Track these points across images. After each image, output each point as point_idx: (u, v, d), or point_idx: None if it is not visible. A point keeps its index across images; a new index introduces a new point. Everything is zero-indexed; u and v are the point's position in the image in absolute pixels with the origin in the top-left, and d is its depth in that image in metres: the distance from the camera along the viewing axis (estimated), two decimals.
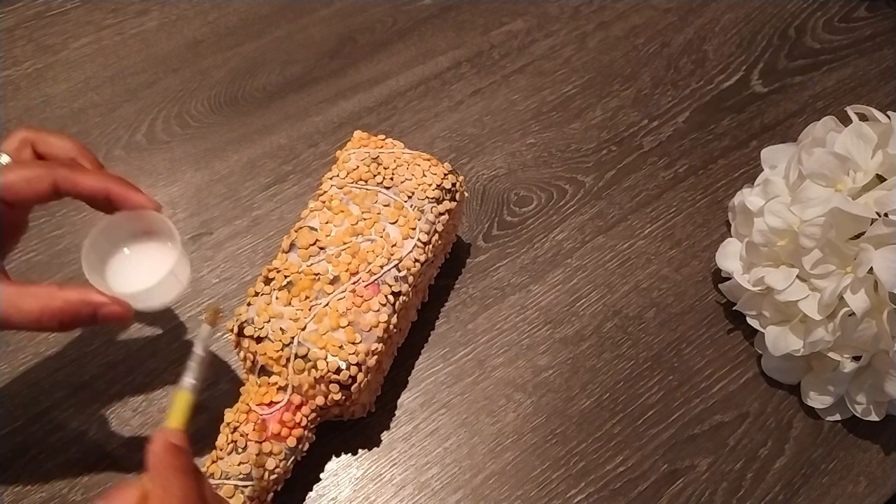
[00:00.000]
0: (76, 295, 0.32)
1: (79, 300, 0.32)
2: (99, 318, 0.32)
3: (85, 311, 0.32)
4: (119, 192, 0.34)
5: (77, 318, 0.32)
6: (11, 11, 0.63)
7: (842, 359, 0.42)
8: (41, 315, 0.31)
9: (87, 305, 0.32)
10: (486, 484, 0.43)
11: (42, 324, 0.32)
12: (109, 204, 0.34)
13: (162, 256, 0.34)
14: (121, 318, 0.33)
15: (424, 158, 0.45)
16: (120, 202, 0.34)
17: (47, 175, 0.33)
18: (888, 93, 0.63)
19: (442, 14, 0.65)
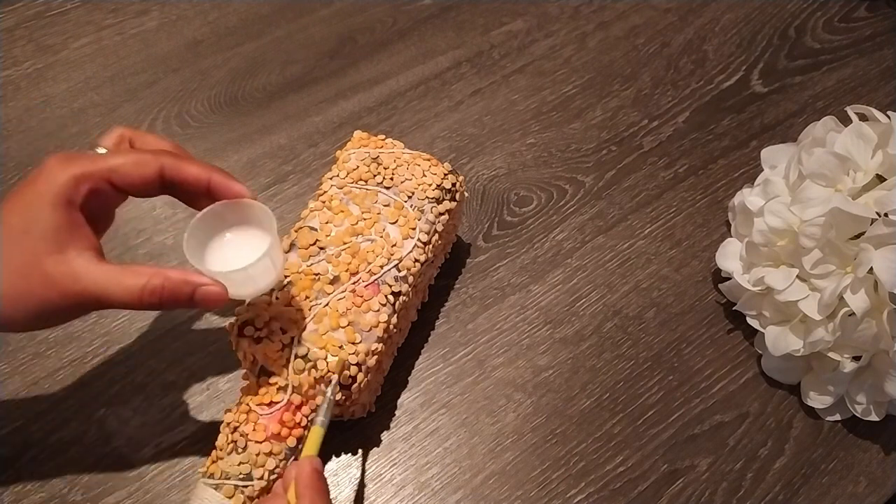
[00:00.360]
0: (178, 275, 0.33)
1: (180, 279, 0.32)
2: (197, 297, 0.33)
3: (185, 290, 0.33)
4: (220, 180, 0.34)
5: (177, 297, 0.32)
6: (11, 11, 0.63)
7: (842, 359, 0.42)
8: (142, 291, 0.32)
9: (188, 284, 0.32)
10: (486, 484, 0.43)
11: (143, 300, 0.32)
12: (208, 194, 0.34)
13: (259, 243, 0.35)
14: (218, 299, 0.33)
15: (424, 158, 0.45)
16: (220, 191, 0.34)
17: (154, 160, 0.33)
18: (888, 93, 0.63)
19: (442, 14, 0.65)
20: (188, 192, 0.35)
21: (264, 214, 0.35)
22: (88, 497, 0.41)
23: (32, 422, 0.43)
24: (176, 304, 0.33)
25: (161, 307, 0.33)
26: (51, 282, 0.31)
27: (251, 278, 0.34)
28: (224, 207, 0.35)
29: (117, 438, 0.43)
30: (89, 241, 0.33)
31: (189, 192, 0.35)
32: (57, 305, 0.32)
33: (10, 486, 0.41)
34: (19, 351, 0.45)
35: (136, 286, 0.32)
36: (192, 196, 0.35)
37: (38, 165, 0.32)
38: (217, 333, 0.47)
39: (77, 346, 0.46)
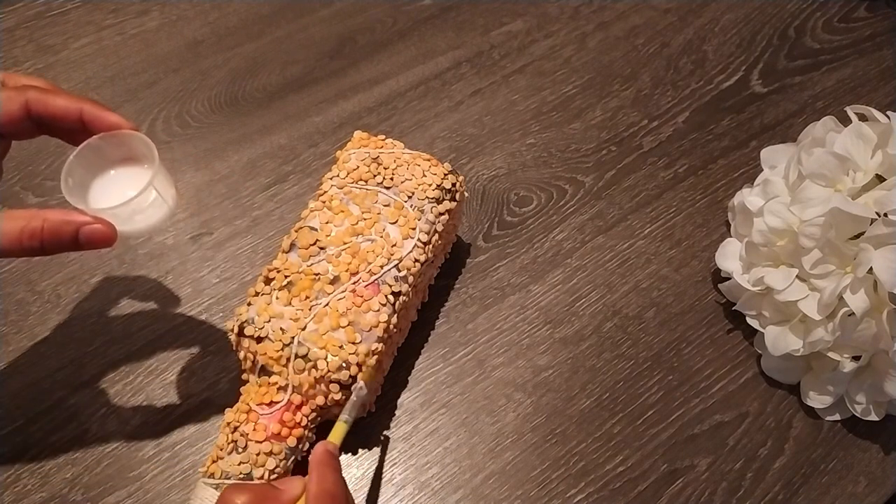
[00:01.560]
0: (58, 215, 0.31)
1: (60, 220, 0.31)
2: (81, 238, 0.31)
3: (67, 230, 0.31)
4: (93, 111, 0.32)
5: (59, 238, 0.31)
6: (11, 11, 0.63)
7: (841, 359, 0.42)
8: (21, 235, 0.30)
9: (69, 224, 0.31)
10: (486, 484, 0.43)
11: (23, 244, 0.30)
12: (84, 128, 0.33)
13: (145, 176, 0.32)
14: (104, 238, 0.31)
15: (424, 158, 0.45)
16: (95, 123, 0.32)
17: (17, 95, 0.32)
18: (888, 93, 0.63)
19: (442, 14, 0.65)
20: (62, 127, 0.33)
21: (146, 146, 0.33)
22: (88, 497, 0.41)
23: (32, 422, 0.43)
24: (59, 245, 0.31)
25: (43, 251, 0.31)
26: None
27: (139, 212, 0.33)
28: (103, 141, 0.33)
29: (117, 438, 0.43)
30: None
31: (63, 127, 0.33)
32: None
33: (10, 486, 0.41)
34: (19, 351, 0.45)
35: (14, 230, 0.30)
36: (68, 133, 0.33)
37: None
38: (217, 333, 0.47)
39: (77, 347, 0.46)
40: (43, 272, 0.49)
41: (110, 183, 0.33)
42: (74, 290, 0.48)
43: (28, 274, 0.49)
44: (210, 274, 0.49)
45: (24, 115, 0.32)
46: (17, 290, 0.48)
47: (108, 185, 0.33)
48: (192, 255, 0.50)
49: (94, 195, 0.33)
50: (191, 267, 0.50)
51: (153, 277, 0.49)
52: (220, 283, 0.49)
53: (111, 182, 0.33)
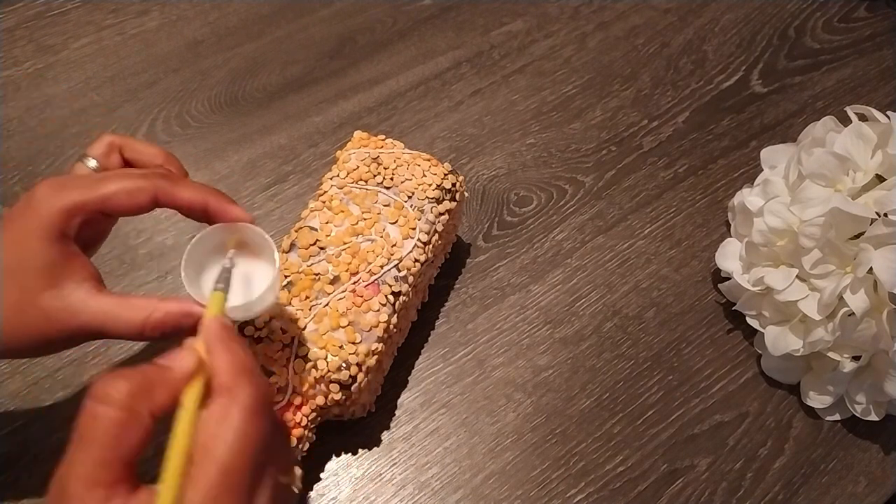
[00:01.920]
0: (177, 307, 0.31)
1: (180, 312, 0.31)
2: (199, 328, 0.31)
3: (186, 323, 0.31)
4: (216, 204, 0.32)
5: (178, 329, 0.31)
6: (12, 11, 0.63)
7: (841, 359, 0.42)
8: (143, 327, 0.31)
9: (188, 317, 0.31)
10: (486, 484, 0.43)
11: (144, 335, 0.31)
12: (206, 216, 0.33)
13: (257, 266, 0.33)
14: None
15: (424, 158, 0.45)
16: (217, 215, 0.32)
17: (149, 187, 0.32)
18: (888, 93, 0.63)
19: (442, 14, 0.65)
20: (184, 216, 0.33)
21: (264, 241, 0.33)
22: None
23: (33, 422, 0.43)
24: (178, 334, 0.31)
25: (164, 339, 0.32)
26: (48, 318, 0.30)
27: (251, 309, 0.33)
28: (221, 231, 0.33)
29: None
30: (86, 271, 0.31)
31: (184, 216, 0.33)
32: (56, 339, 0.31)
33: (10, 486, 0.41)
34: None
35: (137, 321, 0.31)
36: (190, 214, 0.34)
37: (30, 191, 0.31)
38: None
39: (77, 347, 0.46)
40: None
41: None
42: None
43: None
44: None
45: (152, 205, 0.32)
46: None
47: None
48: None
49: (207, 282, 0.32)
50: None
51: (153, 277, 0.49)
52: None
53: None
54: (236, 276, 0.32)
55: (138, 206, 0.32)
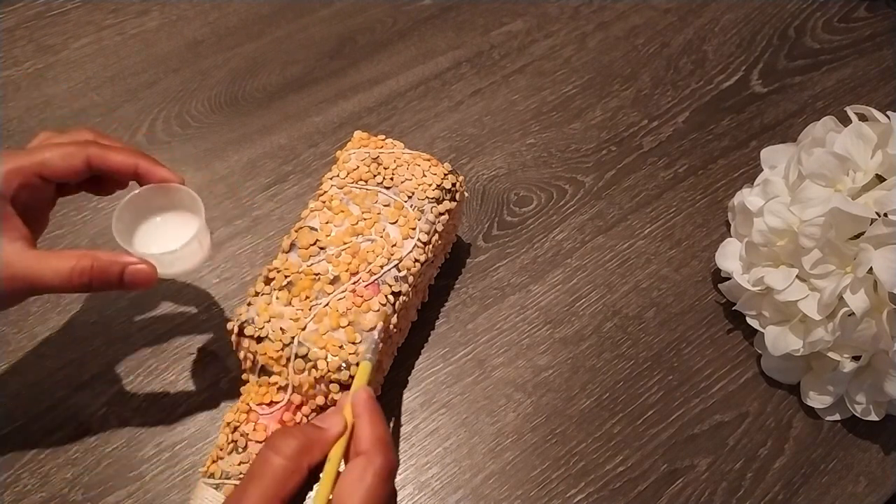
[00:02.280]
0: (106, 255, 0.34)
1: (109, 259, 0.34)
2: (126, 277, 0.34)
3: (114, 270, 0.34)
4: (147, 166, 0.36)
5: (106, 276, 0.34)
6: (12, 11, 0.63)
7: (841, 359, 0.42)
8: (72, 272, 0.33)
9: (116, 264, 0.34)
10: (486, 484, 0.43)
11: (73, 280, 0.33)
12: (137, 178, 0.36)
13: (186, 225, 0.37)
14: (147, 278, 0.35)
15: (424, 158, 0.45)
16: (147, 176, 0.36)
17: (80, 151, 0.35)
18: (888, 93, 0.63)
19: (442, 14, 0.65)
20: (115, 180, 0.37)
21: (192, 199, 0.37)
22: (88, 497, 0.41)
23: (32, 422, 0.43)
24: (106, 283, 0.34)
25: (91, 287, 0.34)
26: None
27: (179, 259, 0.36)
28: (152, 192, 0.36)
29: (117, 438, 0.43)
30: (19, 231, 0.34)
31: (115, 179, 0.37)
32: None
33: (10, 486, 0.41)
34: (19, 351, 0.45)
35: (66, 267, 0.33)
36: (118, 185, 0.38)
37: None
38: (217, 333, 0.47)
39: (77, 346, 0.46)
40: None
41: (155, 229, 0.37)
42: None
43: None
44: (210, 274, 0.49)
45: (86, 168, 0.35)
46: None
47: (152, 230, 0.37)
48: None
49: (140, 239, 0.37)
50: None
51: None
52: (220, 283, 0.49)
53: (156, 228, 0.37)
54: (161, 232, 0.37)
55: (73, 169, 0.35)
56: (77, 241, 0.50)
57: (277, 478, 0.29)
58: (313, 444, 0.30)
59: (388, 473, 0.30)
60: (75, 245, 0.50)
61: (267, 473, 0.29)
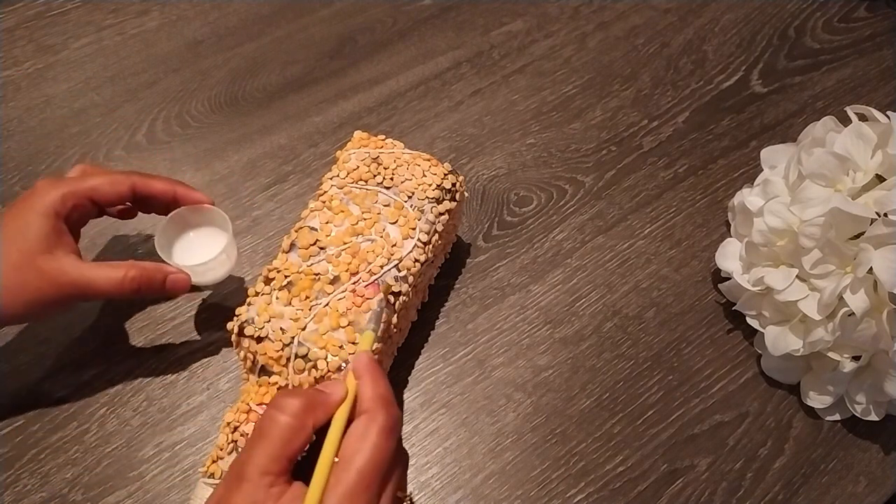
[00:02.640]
0: (150, 265, 0.40)
1: (153, 268, 0.40)
2: (168, 284, 0.40)
3: (158, 278, 0.40)
4: (184, 191, 0.42)
5: (151, 284, 0.40)
6: (12, 11, 0.63)
7: (841, 359, 0.42)
8: (123, 280, 0.39)
9: (160, 272, 0.40)
10: (486, 484, 0.43)
11: (124, 287, 0.39)
12: (174, 202, 0.42)
13: (215, 240, 0.43)
14: (184, 285, 0.41)
15: (424, 158, 0.45)
16: (185, 199, 0.42)
17: (127, 179, 0.41)
18: (888, 93, 0.63)
19: (442, 14, 0.65)
20: (155, 204, 0.42)
21: (221, 218, 0.43)
22: (88, 497, 0.41)
23: (32, 422, 0.43)
24: (151, 289, 0.40)
25: (139, 294, 0.39)
26: (43, 275, 0.38)
27: (210, 269, 0.42)
28: (187, 212, 0.43)
29: (117, 438, 0.43)
30: (72, 246, 0.39)
31: (156, 203, 0.42)
32: (48, 295, 0.38)
33: (10, 486, 0.41)
34: (19, 351, 0.45)
35: (117, 276, 0.39)
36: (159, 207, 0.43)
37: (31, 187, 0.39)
38: (217, 333, 0.47)
39: (77, 347, 0.46)
40: None
41: (189, 243, 0.43)
42: None
43: None
44: None
45: (130, 194, 0.41)
46: None
47: (188, 245, 0.43)
48: None
49: (177, 252, 0.43)
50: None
51: None
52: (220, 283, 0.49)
53: (190, 243, 0.44)
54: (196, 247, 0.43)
55: (119, 194, 0.41)
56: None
57: (283, 436, 0.29)
58: (317, 405, 0.30)
59: (391, 428, 0.30)
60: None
61: (273, 432, 0.29)
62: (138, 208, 0.44)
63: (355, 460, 0.28)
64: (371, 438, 0.29)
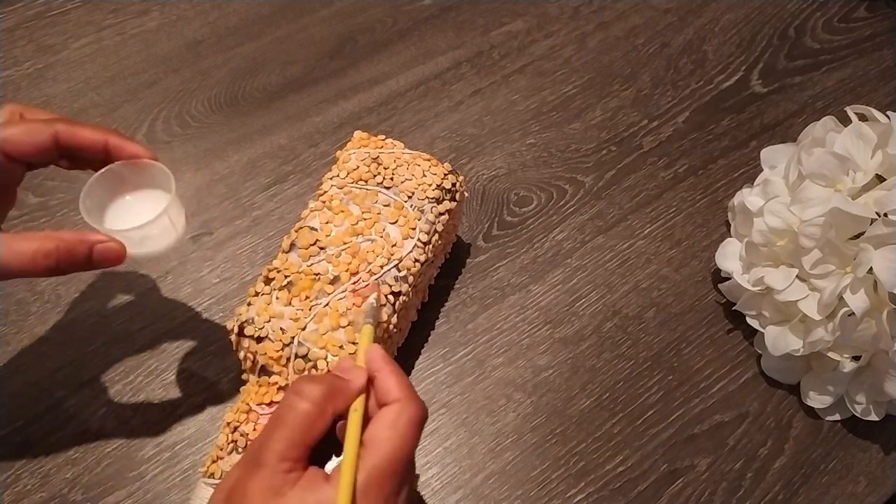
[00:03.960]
0: (72, 235, 0.32)
1: (74, 239, 0.32)
2: (95, 256, 0.33)
3: (80, 250, 0.32)
4: (117, 141, 0.34)
5: (73, 257, 0.32)
6: (12, 11, 0.63)
7: (841, 359, 0.42)
8: (35, 255, 0.31)
9: (83, 243, 0.32)
10: (486, 484, 0.43)
11: (37, 263, 0.32)
12: (107, 155, 0.35)
13: (158, 203, 0.34)
14: (115, 256, 0.33)
15: (424, 158, 0.45)
16: (118, 151, 0.35)
17: (47, 127, 0.33)
18: (888, 93, 0.63)
19: (442, 14, 0.65)
20: (86, 157, 0.35)
21: (164, 175, 0.35)
22: (88, 497, 0.41)
23: (32, 422, 0.43)
24: (73, 264, 0.32)
25: (58, 270, 0.32)
26: None
27: (150, 237, 0.34)
28: (123, 168, 0.35)
29: (117, 438, 0.43)
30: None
31: (86, 157, 0.35)
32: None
33: (10, 486, 0.41)
34: (19, 351, 0.45)
35: (29, 250, 0.31)
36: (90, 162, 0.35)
37: None
38: (217, 333, 0.47)
39: (77, 346, 0.46)
40: None
41: (126, 207, 0.35)
42: (74, 290, 0.48)
43: None
44: (210, 274, 0.49)
45: (53, 145, 0.34)
46: (17, 290, 0.48)
47: (123, 208, 0.35)
48: (192, 255, 0.50)
49: (110, 217, 0.35)
50: (191, 267, 0.50)
51: (153, 277, 0.49)
52: (220, 283, 0.49)
53: (127, 206, 0.35)
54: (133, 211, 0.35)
55: (37, 146, 0.33)
56: None
57: (303, 422, 0.29)
58: (337, 392, 0.30)
59: (420, 421, 0.30)
60: None
61: (293, 418, 0.29)
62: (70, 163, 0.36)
63: (386, 446, 0.28)
64: (400, 426, 0.29)
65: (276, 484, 0.27)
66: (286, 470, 0.27)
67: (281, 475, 0.27)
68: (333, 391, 0.30)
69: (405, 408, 0.29)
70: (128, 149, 0.35)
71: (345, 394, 0.30)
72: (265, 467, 0.27)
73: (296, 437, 0.28)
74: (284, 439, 0.28)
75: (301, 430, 0.28)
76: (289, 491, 0.27)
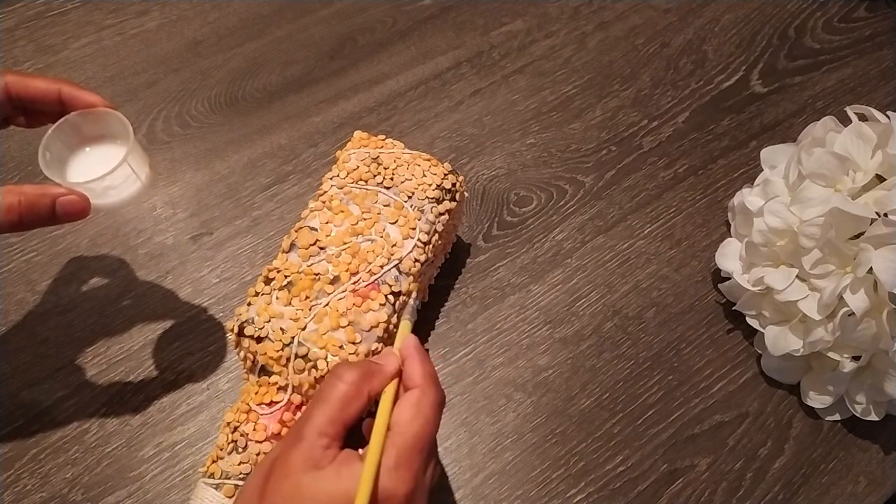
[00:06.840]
0: (34, 189, 0.32)
1: (37, 193, 0.32)
2: (58, 210, 0.32)
3: (43, 203, 0.32)
4: (70, 91, 0.34)
5: (36, 211, 0.32)
6: (11, 11, 0.63)
7: (841, 358, 0.42)
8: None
9: (45, 196, 0.32)
10: (486, 484, 0.43)
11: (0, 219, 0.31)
12: (61, 105, 0.34)
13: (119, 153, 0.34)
14: (80, 209, 0.33)
15: (424, 158, 0.45)
16: (73, 101, 0.34)
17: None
18: (888, 93, 0.63)
19: (442, 14, 0.65)
20: (40, 109, 0.34)
21: (122, 125, 0.35)
22: (88, 497, 0.41)
23: (32, 422, 0.43)
24: (36, 218, 0.32)
25: (22, 225, 0.32)
26: None
27: (113, 188, 0.34)
28: (81, 118, 0.35)
29: (117, 438, 0.43)
30: None
31: (41, 108, 0.34)
32: None
33: (10, 486, 0.41)
34: (19, 351, 0.46)
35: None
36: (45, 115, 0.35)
37: None
38: (217, 333, 0.47)
39: (77, 347, 0.46)
40: (43, 272, 0.49)
41: (87, 159, 0.35)
42: (74, 290, 0.48)
43: (28, 274, 0.49)
44: (210, 274, 0.49)
45: (4, 97, 0.34)
46: (17, 290, 0.48)
47: (84, 160, 0.35)
48: (192, 255, 0.50)
49: (72, 170, 0.35)
50: (191, 267, 0.50)
51: (153, 277, 0.49)
52: (220, 283, 0.49)
53: (88, 158, 0.35)
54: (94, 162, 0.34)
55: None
56: (77, 240, 0.50)
57: (342, 401, 0.31)
58: (373, 375, 0.33)
59: (439, 405, 0.32)
60: (76, 245, 0.50)
61: (333, 397, 0.31)
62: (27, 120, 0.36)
63: (412, 426, 0.31)
64: (424, 409, 0.31)
65: (314, 456, 0.29)
66: (324, 446, 0.30)
67: (320, 449, 0.29)
68: (369, 373, 0.32)
69: (425, 392, 0.32)
70: (82, 97, 0.34)
71: (379, 376, 0.33)
72: (305, 440, 0.30)
73: (334, 414, 0.30)
74: (324, 415, 0.30)
75: (339, 407, 0.31)
76: (327, 465, 0.29)
